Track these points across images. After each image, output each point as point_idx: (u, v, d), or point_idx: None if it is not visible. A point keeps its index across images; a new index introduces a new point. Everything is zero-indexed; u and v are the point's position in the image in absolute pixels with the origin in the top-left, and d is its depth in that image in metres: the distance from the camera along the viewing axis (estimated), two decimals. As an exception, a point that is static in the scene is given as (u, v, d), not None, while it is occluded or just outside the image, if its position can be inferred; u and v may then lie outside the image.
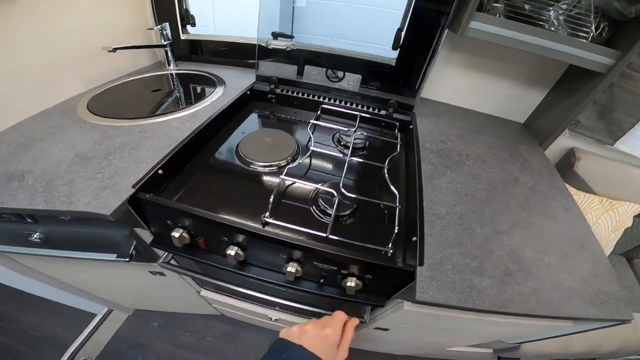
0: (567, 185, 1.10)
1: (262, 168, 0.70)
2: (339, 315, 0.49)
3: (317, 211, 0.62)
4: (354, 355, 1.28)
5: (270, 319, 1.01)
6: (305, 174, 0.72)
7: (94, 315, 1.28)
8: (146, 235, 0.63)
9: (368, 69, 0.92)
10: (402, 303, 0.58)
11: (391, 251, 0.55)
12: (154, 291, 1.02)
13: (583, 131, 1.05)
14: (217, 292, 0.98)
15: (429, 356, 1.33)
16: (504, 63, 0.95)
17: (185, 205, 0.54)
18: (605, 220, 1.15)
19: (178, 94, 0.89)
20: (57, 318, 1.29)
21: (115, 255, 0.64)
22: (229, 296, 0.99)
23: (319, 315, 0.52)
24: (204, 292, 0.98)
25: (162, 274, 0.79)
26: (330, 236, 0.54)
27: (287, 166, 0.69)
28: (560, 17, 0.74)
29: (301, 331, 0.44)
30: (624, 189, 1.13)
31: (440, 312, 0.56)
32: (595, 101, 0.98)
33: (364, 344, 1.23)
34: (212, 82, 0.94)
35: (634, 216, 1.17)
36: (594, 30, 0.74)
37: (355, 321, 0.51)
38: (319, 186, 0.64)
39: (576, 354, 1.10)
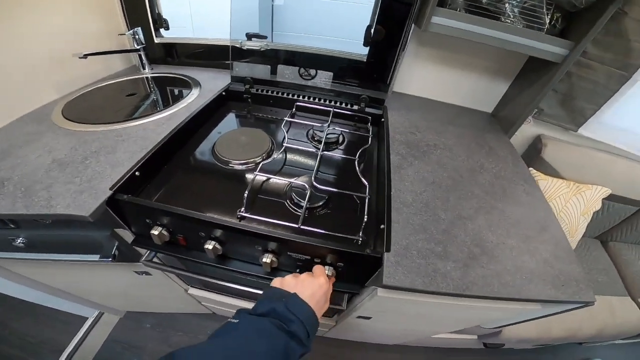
0: (536, 171, 1.17)
1: (238, 166, 0.73)
2: (321, 268, 0.54)
3: (290, 204, 0.65)
4: (346, 346, 1.35)
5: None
6: (279, 170, 0.75)
7: (86, 318, 1.29)
8: (127, 235, 0.65)
9: (341, 65, 0.95)
10: (377, 290, 0.61)
11: (361, 239, 0.58)
12: (143, 292, 1.04)
13: (547, 119, 1.10)
14: (204, 290, 1.01)
15: (418, 344, 1.38)
16: (469, 56, 0.99)
17: (161, 203, 0.56)
18: (573, 203, 1.19)
19: (154, 97, 0.90)
20: (50, 323, 1.29)
21: (99, 256, 0.66)
22: (216, 293, 1.01)
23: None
24: (192, 290, 1.01)
25: (147, 273, 0.81)
26: (302, 227, 0.57)
27: (262, 163, 0.72)
28: (515, 10, 0.78)
29: (297, 280, 0.48)
30: (590, 172, 1.18)
31: (412, 297, 0.58)
32: (555, 90, 1.02)
33: (352, 335, 1.26)
34: (187, 84, 0.96)
35: (602, 199, 1.23)
36: (547, 21, 0.79)
37: (332, 279, 0.57)
38: (292, 180, 0.67)
39: (557, 338, 1.13)
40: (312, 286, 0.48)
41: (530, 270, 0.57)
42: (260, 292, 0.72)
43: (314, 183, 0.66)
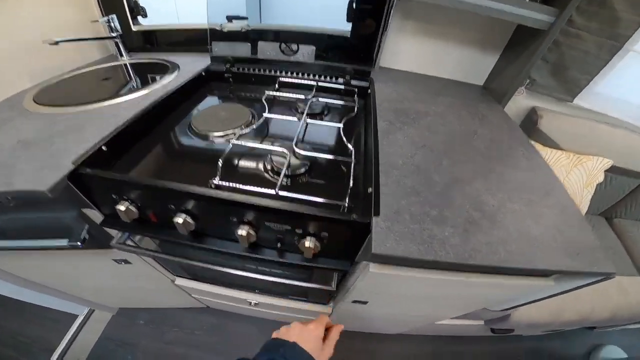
0: (534, 142, 1.12)
1: (217, 139, 0.70)
2: (322, 316, 0.52)
3: (271, 174, 0.61)
4: (348, 337, 1.29)
5: (250, 303, 0.99)
6: (261, 140, 0.72)
7: (76, 316, 1.25)
8: (97, 217, 0.62)
9: (325, 41, 0.92)
10: (369, 265, 0.56)
11: (347, 206, 0.53)
12: (129, 285, 1.00)
13: (540, 89, 1.07)
14: (191, 280, 0.96)
15: (422, 333, 1.34)
16: (455, 28, 0.96)
17: (123, 174, 0.52)
18: (575, 175, 1.15)
19: (130, 81, 0.87)
20: (42, 322, 1.26)
21: (67, 240, 0.61)
22: (204, 282, 0.97)
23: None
24: (179, 281, 0.96)
25: (126, 261, 0.77)
26: (280, 192, 0.53)
27: (240, 133, 0.68)
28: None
29: (289, 329, 0.48)
30: (590, 143, 1.14)
31: (407, 272, 0.53)
32: (546, 60, 0.99)
33: (352, 323, 1.20)
34: (165, 68, 0.92)
35: (604, 171, 1.18)
36: (530, -12, 0.76)
37: (339, 327, 0.53)
38: (272, 148, 0.63)
39: (569, 322, 1.06)
40: (302, 334, 0.46)
41: (537, 237, 0.51)
42: (248, 275, 0.68)
43: (296, 149, 0.61)
